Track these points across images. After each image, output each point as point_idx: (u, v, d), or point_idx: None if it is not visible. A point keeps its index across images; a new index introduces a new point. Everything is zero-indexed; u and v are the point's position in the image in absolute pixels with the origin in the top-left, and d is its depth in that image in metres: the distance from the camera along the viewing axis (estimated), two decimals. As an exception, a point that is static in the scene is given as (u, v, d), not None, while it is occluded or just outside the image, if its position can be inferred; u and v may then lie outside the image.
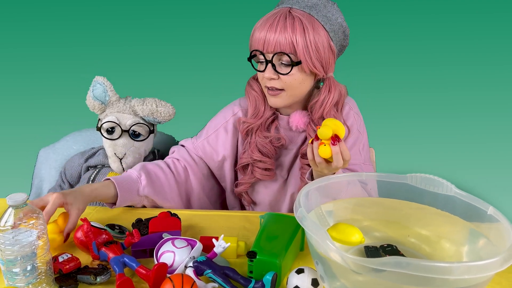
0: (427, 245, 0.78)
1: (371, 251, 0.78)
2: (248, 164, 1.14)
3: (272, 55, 0.99)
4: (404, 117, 2.07)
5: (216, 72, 2.23)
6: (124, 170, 1.19)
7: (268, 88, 1.04)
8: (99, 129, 1.19)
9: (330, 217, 0.82)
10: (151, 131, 1.21)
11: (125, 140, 1.18)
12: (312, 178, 0.99)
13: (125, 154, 1.18)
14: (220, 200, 1.27)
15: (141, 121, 1.19)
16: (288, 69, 0.99)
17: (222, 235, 0.81)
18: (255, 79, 1.12)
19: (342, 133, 0.87)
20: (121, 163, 1.18)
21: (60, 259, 0.81)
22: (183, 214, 1.04)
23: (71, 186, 1.29)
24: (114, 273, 0.79)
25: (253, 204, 1.20)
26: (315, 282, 0.73)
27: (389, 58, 2.21)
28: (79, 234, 0.86)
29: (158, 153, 1.30)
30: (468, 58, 2.21)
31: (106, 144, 1.19)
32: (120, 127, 1.17)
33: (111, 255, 0.82)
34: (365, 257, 0.76)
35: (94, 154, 1.28)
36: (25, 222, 0.72)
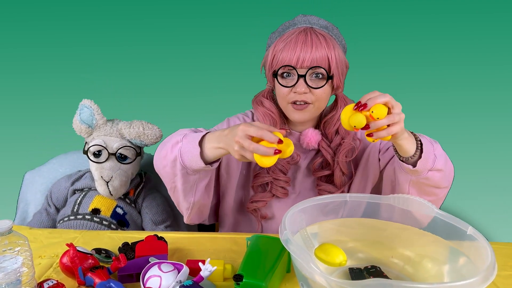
0: (410, 265, 0.79)
1: (355, 273, 0.79)
2: (267, 183, 1.13)
3: (306, 70, 1.02)
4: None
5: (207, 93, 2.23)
6: (110, 193, 1.19)
7: (296, 103, 1.04)
8: (86, 152, 1.19)
9: (315, 238, 0.83)
10: (138, 154, 1.22)
11: (112, 163, 1.18)
12: (399, 156, 0.94)
13: (112, 177, 1.18)
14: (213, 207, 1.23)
15: (128, 144, 1.20)
16: (321, 82, 1.03)
17: (209, 259, 0.82)
18: (265, 96, 1.12)
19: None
20: (107, 186, 1.18)
21: (45, 286, 0.80)
22: (170, 237, 1.04)
23: (57, 210, 1.28)
24: (100, 299, 0.79)
25: (264, 219, 1.17)
26: (301, 304, 0.74)
27: (388, 58, 2.21)
28: (65, 260, 0.85)
29: (145, 176, 1.31)
30: (459, 57, 2.21)
31: (93, 167, 1.19)
32: (107, 150, 1.17)
33: (97, 280, 0.82)
34: (349, 279, 0.77)
35: (80, 177, 1.28)
36: (10, 249, 0.71)
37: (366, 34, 2.16)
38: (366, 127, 0.81)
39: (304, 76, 1.02)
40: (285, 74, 1.04)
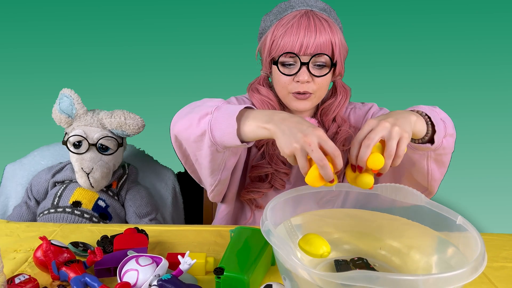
0: (397, 257, 0.76)
1: (341, 265, 0.76)
2: (266, 174, 1.08)
3: (310, 57, 0.96)
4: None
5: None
6: (91, 185, 1.15)
7: (298, 92, 0.99)
8: (65, 143, 1.15)
9: (300, 230, 0.80)
10: (120, 145, 1.18)
11: (93, 154, 1.14)
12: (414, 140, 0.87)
13: (92, 168, 1.14)
14: None
15: (110, 134, 1.16)
16: (324, 70, 0.98)
17: (188, 252, 0.78)
18: (261, 84, 1.07)
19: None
20: (88, 178, 1.14)
21: (17, 281, 0.77)
22: (152, 230, 1.00)
23: (38, 203, 1.25)
24: (74, 294, 0.75)
25: (258, 208, 1.13)
26: (283, 298, 0.71)
27: (388, 58, 2.18)
28: (39, 254, 0.82)
29: (129, 167, 1.27)
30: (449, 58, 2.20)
31: (73, 158, 1.15)
32: (87, 140, 1.13)
33: (71, 274, 0.78)
34: (335, 271, 0.74)
35: (61, 169, 1.24)
36: (-25, 243, 0.68)
37: (366, 34, 2.13)
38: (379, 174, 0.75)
39: (307, 64, 0.96)
40: (286, 62, 0.98)
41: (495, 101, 2.17)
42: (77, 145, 1.14)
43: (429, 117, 0.85)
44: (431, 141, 0.85)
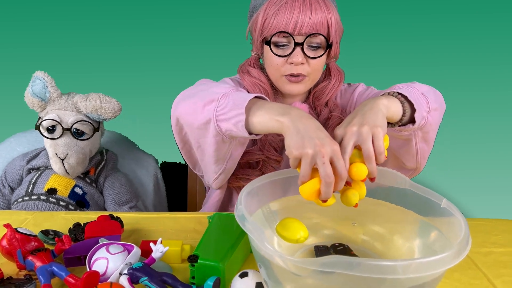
0: (380, 242, 0.73)
1: (321, 251, 0.72)
2: (257, 161, 1.03)
3: (304, 37, 0.91)
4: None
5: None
6: (67, 172, 1.10)
7: (292, 75, 0.94)
8: (38, 127, 1.10)
9: (279, 215, 0.76)
10: (96, 129, 1.13)
11: (67, 139, 1.10)
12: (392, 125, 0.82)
13: (67, 154, 1.09)
14: None
15: (85, 119, 1.11)
16: (319, 52, 0.93)
17: (160, 239, 0.74)
18: (251, 65, 1.02)
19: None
20: (63, 164, 1.10)
21: (-20, 270, 0.73)
22: (130, 217, 0.96)
23: (12, 190, 1.20)
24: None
25: None
26: (259, 286, 0.67)
27: (388, 58, 2.16)
28: (4, 242, 0.78)
29: (107, 153, 1.22)
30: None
31: (47, 144, 1.11)
32: (61, 125, 1.09)
33: (38, 264, 0.74)
34: (314, 258, 0.70)
35: (36, 155, 1.20)
36: None
37: (366, 34, 2.09)
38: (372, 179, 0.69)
39: (301, 44, 0.91)
40: (279, 42, 0.93)
41: (491, 98, 2.16)
42: (51, 130, 1.09)
43: (404, 96, 0.80)
44: (412, 120, 0.80)
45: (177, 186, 1.37)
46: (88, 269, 0.73)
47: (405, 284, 0.55)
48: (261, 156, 1.02)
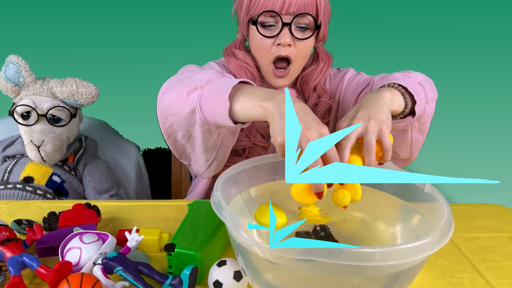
0: (363, 228, 0.71)
1: (302, 238, 0.70)
2: (244, 148, 1.01)
3: (292, 17, 0.88)
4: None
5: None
6: (43, 160, 1.07)
7: (279, 57, 0.92)
8: (11, 113, 1.06)
9: (259, 201, 0.74)
10: (73, 115, 1.09)
11: (43, 125, 1.06)
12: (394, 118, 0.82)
13: (43, 141, 1.06)
14: None
15: (61, 104, 1.07)
16: (307, 33, 0.90)
17: (135, 227, 0.72)
18: (237, 47, 0.98)
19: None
20: (39, 151, 1.06)
21: None
22: (106, 205, 0.94)
23: (-12, 179, 1.16)
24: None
25: None
26: (237, 275, 0.65)
27: (387, 58, 2.14)
28: (-27, 233, 0.74)
29: (86, 140, 1.19)
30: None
31: (22, 130, 1.07)
32: (36, 111, 1.05)
33: (8, 254, 0.71)
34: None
35: (12, 142, 1.16)
36: None
37: (366, 33, 2.06)
38: None
39: (289, 24, 0.88)
40: (266, 22, 0.90)
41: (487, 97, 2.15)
42: (26, 116, 1.05)
43: (404, 88, 0.77)
44: (412, 112, 0.78)
45: (161, 174, 1.34)
46: (61, 260, 0.70)
47: (386, 271, 0.53)
48: (248, 142, 1.00)
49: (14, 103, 1.09)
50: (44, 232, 0.82)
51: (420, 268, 0.58)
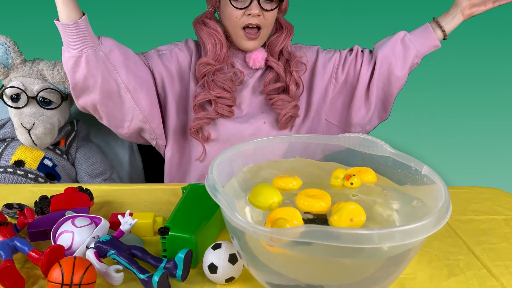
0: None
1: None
2: (208, 102, 1.06)
3: None
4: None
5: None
6: (34, 143, 1.05)
7: (249, 27, 1.02)
8: (1, 96, 1.03)
9: (254, 183, 0.73)
10: (64, 98, 1.07)
11: (33, 108, 1.03)
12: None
13: (33, 124, 1.03)
14: None
15: (51, 86, 1.05)
16: (273, 4, 1.02)
17: (128, 211, 0.71)
18: (208, 18, 1.05)
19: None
20: (29, 134, 1.04)
21: None
22: (99, 189, 0.92)
23: (-22, 163, 1.14)
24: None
25: (207, 141, 1.09)
26: (233, 258, 0.64)
27: None
28: (-37, 217, 0.73)
29: (78, 124, 1.17)
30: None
31: (12, 113, 1.05)
32: (26, 93, 1.02)
33: (-1, 238, 0.70)
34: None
35: (2, 126, 1.13)
36: None
37: (365, 33, 2.03)
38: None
39: None
40: None
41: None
42: (15, 98, 1.03)
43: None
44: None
45: (155, 158, 1.32)
46: (53, 244, 0.69)
47: (383, 253, 0.53)
48: (209, 95, 1.04)
49: (3, 85, 1.06)
50: (36, 216, 0.81)
51: (417, 250, 0.57)
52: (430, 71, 2.09)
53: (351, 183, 0.68)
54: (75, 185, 0.87)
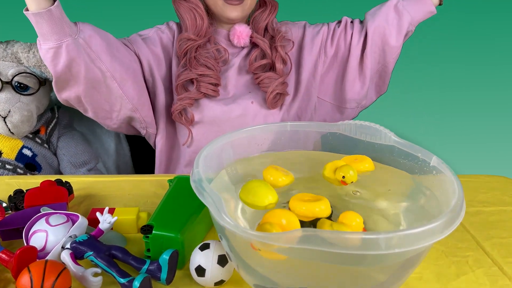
0: (362, 206, 0.64)
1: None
2: (191, 81, 1.00)
3: None
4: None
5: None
6: (10, 131, 0.98)
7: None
8: (-28, 81, 0.96)
9: (247, 178, 0.67)
10: (41, 83, 0.99)
11: (8, 94, 0.96)
12: None
13: (9, 111, 0.96)
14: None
15: (28, 71, 0.97)
16: None
17: (107, 208, 0.65)
18: None
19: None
20: (5, 122, 0.97)
21: None
22: (80, 181, 0.86)
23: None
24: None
25: (191, 124, 1.02)
26: (222, 259, 0.58)
27: None
28: None
29: (59, 110, 1.09)
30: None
31: (-15, 100, 0.97)
32: (0, 78, 0.95)
33: (-34, 239, 0.64)
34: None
35: (-23, 114, 1.05)
36: None
37: None
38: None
39: None
40: None
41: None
42: (-12, 83, 0.96)
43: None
44: None
45: (144, 146, 1.26)
46: (25, 244, 0.63)
47: (389, 259, 0.47)
48: (192, 74, 0.98)
49: (-25, 69, 0.98)
50: (9, 212, 0.75)
51: (427, 251, 0.51)
52: (428, 62, 2.04)
53: (343, 177, 0.62)
54: (53, 178, 0.81)
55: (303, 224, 0.53)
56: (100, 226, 0.63)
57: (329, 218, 0.57)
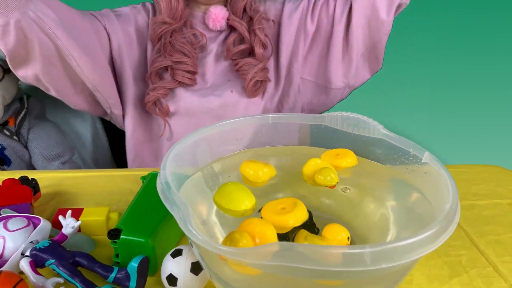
0: (347, 207, 0.59)
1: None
2: (165, 69, 0.93)
3: None
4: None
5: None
6: (-26, 124, 0.91)
7: None
8: None
9: (223, 177, 0.62)
10: (6, 71, 0.92)
11: (-30, 84, 0.89)
12: None
13: (-28, 102, 0.90)
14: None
15: (-10, 58, 0.90)
16: None
17: (70, 211, 0.59)
18: None
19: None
20: (-32, 114, 0.90)
21: None
22: (49, 177, 0.80)
23: None
24: None
25: (167, 116, 0.96)
26: (196, 267, 0.54)
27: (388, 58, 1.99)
28: None
29: (29, 100, 1.03)
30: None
31: None
32: (-40, 66, 0.88)
33: None
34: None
35: None
36: None
37: None
38: None
39: None
40: None
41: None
42: None
43: None
44: None
45: (123, 136, 1.20)
46: (-19, 251, 0.58)
47: (377, 272, 0.42)
48: (166, 61, 0.92)
49: None
50: (-32, 214, 0.69)
51: (418, 260, 0.47)
52: (427, 61, 2.00)
53: (321, 178, 0.57)
54: (19, 174, 0.75)
55: (279, 235, 0.48)
56: (63, 230, 0.58)
57: (308, 222, 0.52)
